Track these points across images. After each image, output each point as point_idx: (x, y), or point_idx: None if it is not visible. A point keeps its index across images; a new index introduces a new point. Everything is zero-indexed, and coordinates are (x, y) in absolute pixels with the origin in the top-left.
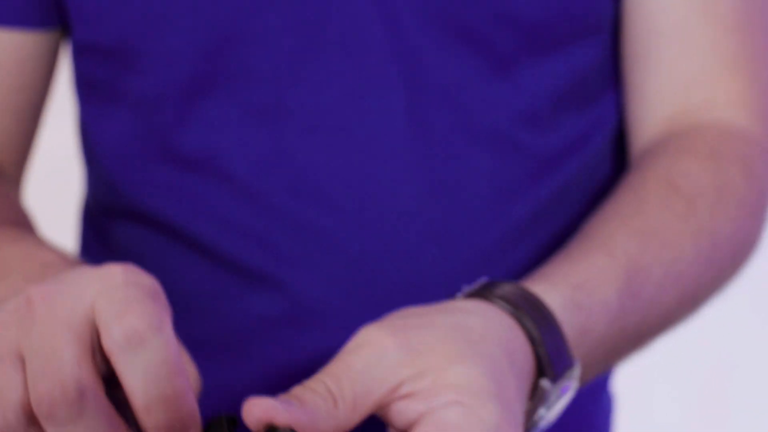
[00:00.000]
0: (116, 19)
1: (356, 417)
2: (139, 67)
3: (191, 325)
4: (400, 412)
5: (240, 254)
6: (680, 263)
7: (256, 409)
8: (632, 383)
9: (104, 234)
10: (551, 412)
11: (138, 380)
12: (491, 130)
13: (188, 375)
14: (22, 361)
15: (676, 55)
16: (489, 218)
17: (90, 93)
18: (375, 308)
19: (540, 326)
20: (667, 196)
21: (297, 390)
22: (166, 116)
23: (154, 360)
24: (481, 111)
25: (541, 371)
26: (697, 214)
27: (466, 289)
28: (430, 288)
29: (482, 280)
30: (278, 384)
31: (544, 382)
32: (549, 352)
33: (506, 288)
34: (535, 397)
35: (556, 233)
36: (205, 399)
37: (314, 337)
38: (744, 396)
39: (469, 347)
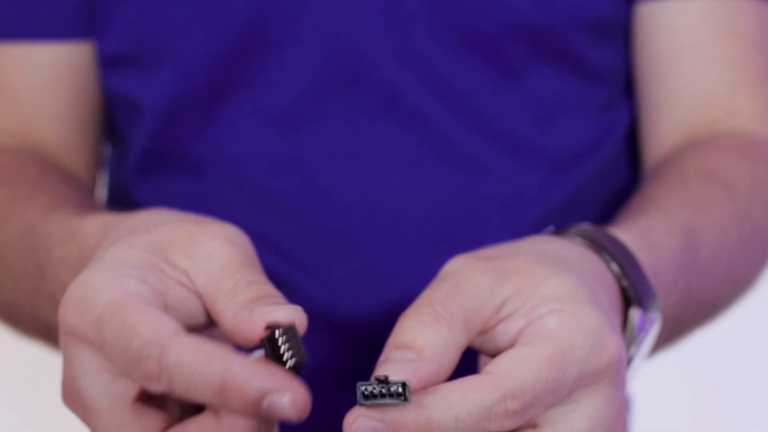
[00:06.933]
0: (135, 28)
1: (467, 339)
2: (157, 76)
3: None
4: (503, 333)
5: None
6: (726, 239)
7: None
8: (644, 383)
9: None
10: (641, 349)
11: None
12: (502, 136)
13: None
14: None
15: (699, 69)
16: (501, 223)
17: (113, 106)
18: (387, 313)
19: (620, 259)
20: (707, 179)
21: (402, 326)
22: (183, 123)
23: None
24: (491, 117)
25: (627, 303)
26: (737, 199)
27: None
28: None
29: (550, 228)
30: None
31: (633, 311)
32: (633, 282)
33: (580, 227)
34: (627, 331)
35: None
36: None
37: (326, 341)
38: (754, 395)
39: (560, 265)
